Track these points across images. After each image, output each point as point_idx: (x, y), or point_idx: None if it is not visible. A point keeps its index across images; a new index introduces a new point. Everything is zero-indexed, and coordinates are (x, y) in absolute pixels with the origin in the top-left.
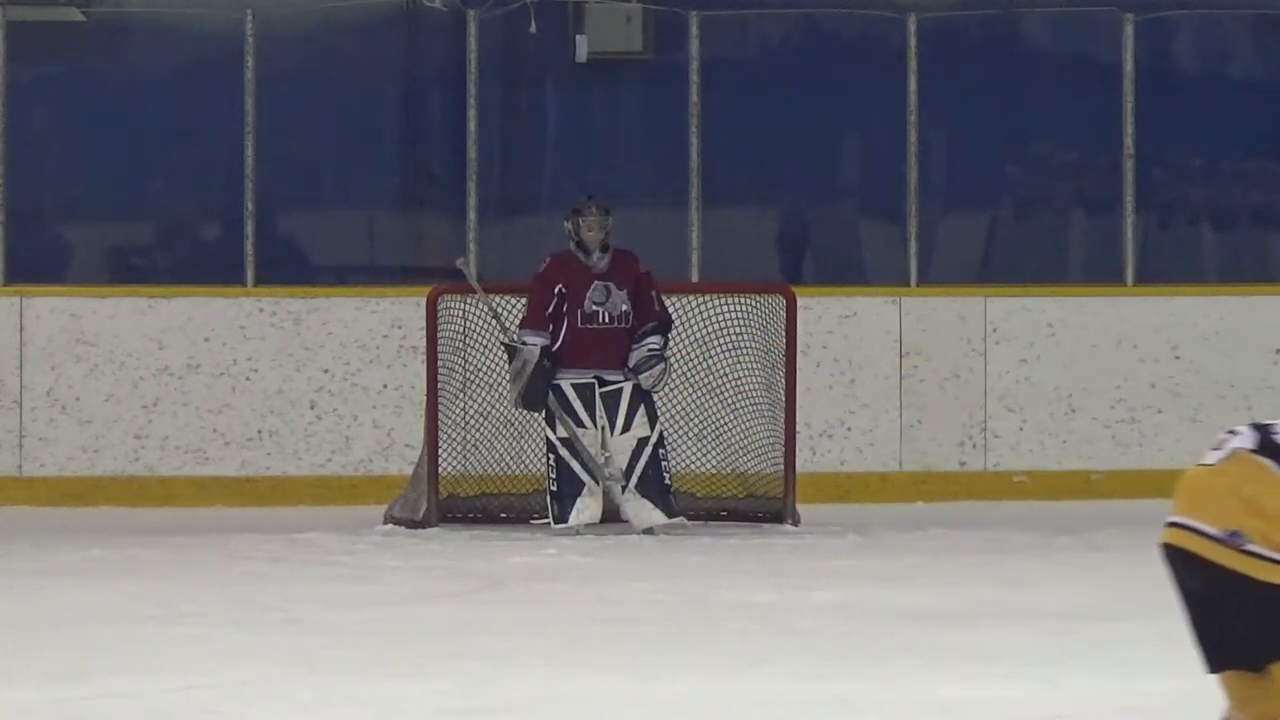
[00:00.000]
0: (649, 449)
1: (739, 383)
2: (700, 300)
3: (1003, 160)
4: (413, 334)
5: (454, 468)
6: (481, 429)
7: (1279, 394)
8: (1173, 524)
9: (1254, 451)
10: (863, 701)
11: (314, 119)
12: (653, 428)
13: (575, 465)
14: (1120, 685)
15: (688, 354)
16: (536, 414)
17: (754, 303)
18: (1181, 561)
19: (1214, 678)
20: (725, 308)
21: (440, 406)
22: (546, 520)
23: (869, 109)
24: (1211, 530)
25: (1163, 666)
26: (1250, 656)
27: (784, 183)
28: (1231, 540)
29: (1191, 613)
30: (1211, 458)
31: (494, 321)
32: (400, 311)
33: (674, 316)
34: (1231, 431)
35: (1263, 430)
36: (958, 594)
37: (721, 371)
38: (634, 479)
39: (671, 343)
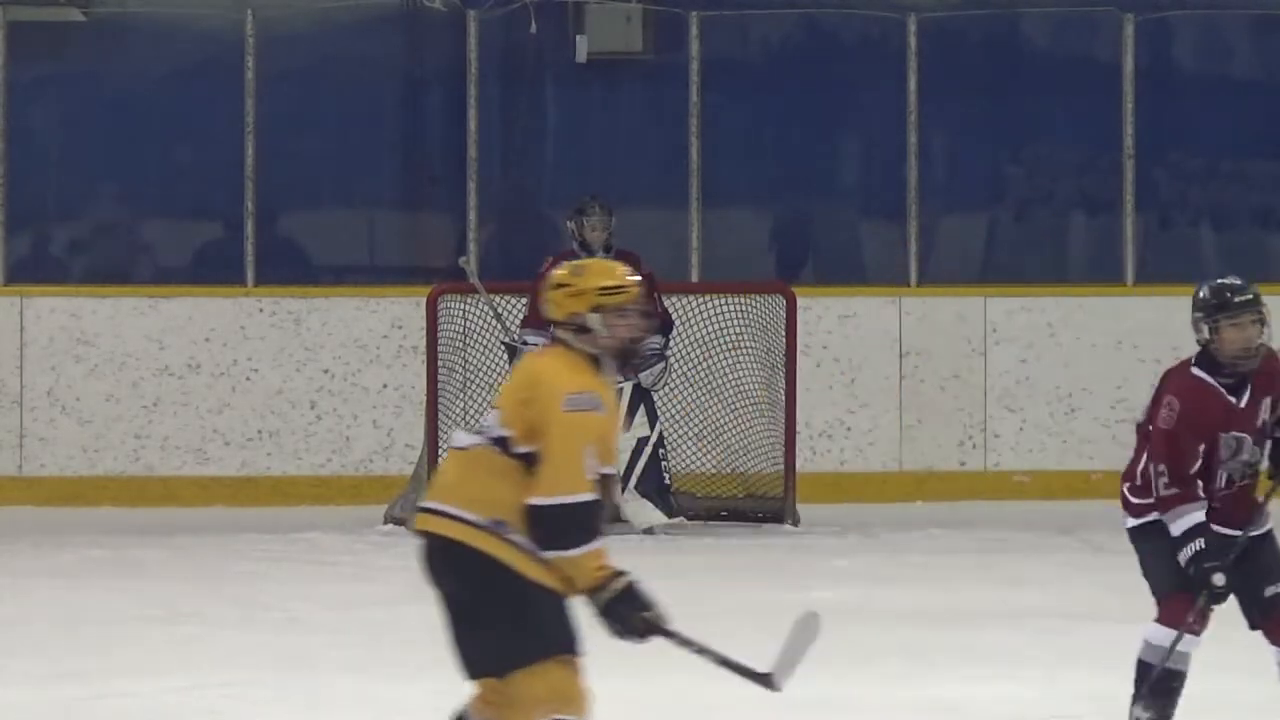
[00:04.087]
0: (649, 449)
1: (739, 383)
2: (700, 300)
3: (1003, 160)
4: (413, 334)
5: None
6: None
7: None
8: (429, 510)
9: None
10: (862, 701)
11: (314, 119)
12: (653, 427)
13: None
14: (1119, 685)
15: (688, 354)
16: None
17: (754, 303)
18: (449, 553)
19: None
20: (725, 308)
21: (440, 406)
22: None
23: (869, 109)
24: (475, 518)
25: None
26: (500, 661)
27: (784, 183)
28: (496, 529)
29: (453, 612)
30: (464, 440)
31: (495, 321)
32: (400, 311)
33: (674, 317)
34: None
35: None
36: (958, 594)
37: (721, 371)
38: (634, 479)
39: (671, 343)
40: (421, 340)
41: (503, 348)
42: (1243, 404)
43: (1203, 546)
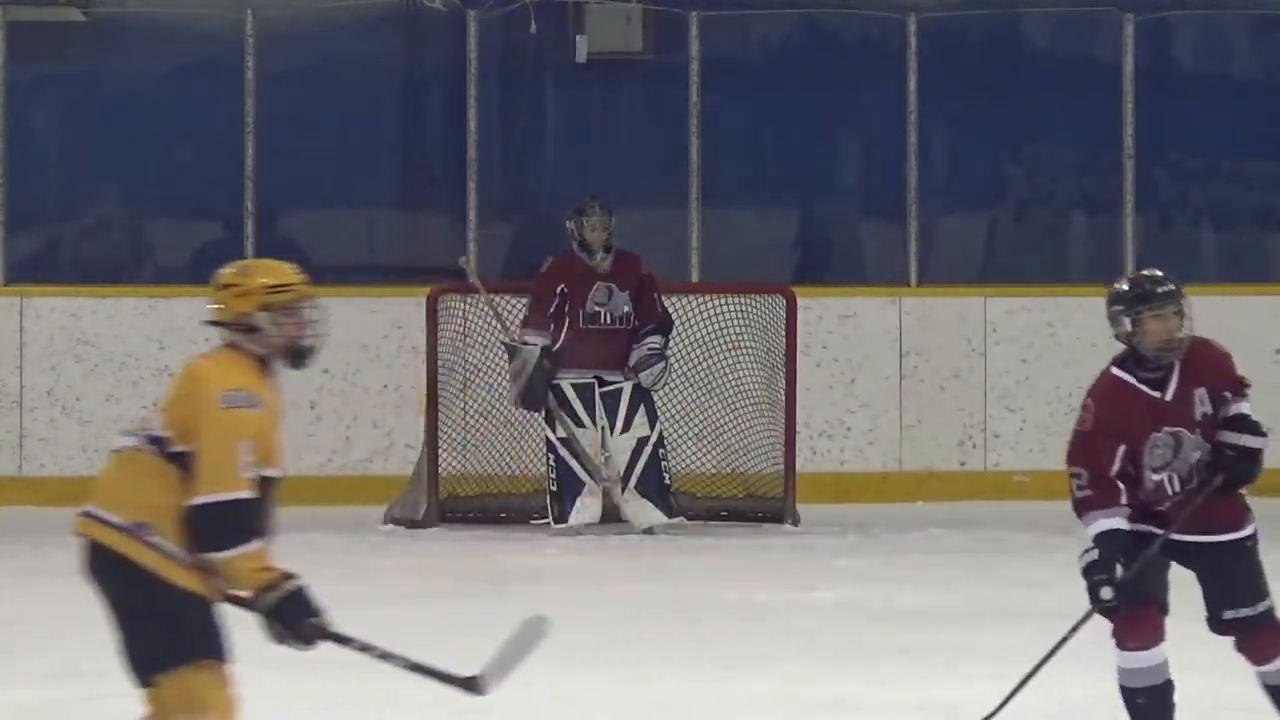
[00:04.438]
0: (649, 449)
1: (739, 383)
2: (700, 300)
3: (1003, 160)
4: (413, 334)
5: (454, 468)
6: (481, 429)
7: (1279, 394)
8: (83, 513)
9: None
10: (862, 701)
11: (314, 119)
12: (652, 428)
13: (575, 465)
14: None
15: (688, 354)
16: (536, 414)
17: (754, 303)
18: (97, 556)
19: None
20: (725, 308)
21: (440, 406)
22: (546, 520)
23: (869, 109)
24: (117, 520)
25: None
26: (144, 667)
27: (784, 183)
28: (136, 531)
29: (110, 617)
30: (121, 441)
31: (495, 320)
32: (400, 311)
33: (674, 317)
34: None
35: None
36: (958, 594)
37: (721, 371)
38: (634, 479)
39: (671, 343)
40: (421, 340)
41: (503, 348)
42: (1169, 396)
43: (1096, 558)
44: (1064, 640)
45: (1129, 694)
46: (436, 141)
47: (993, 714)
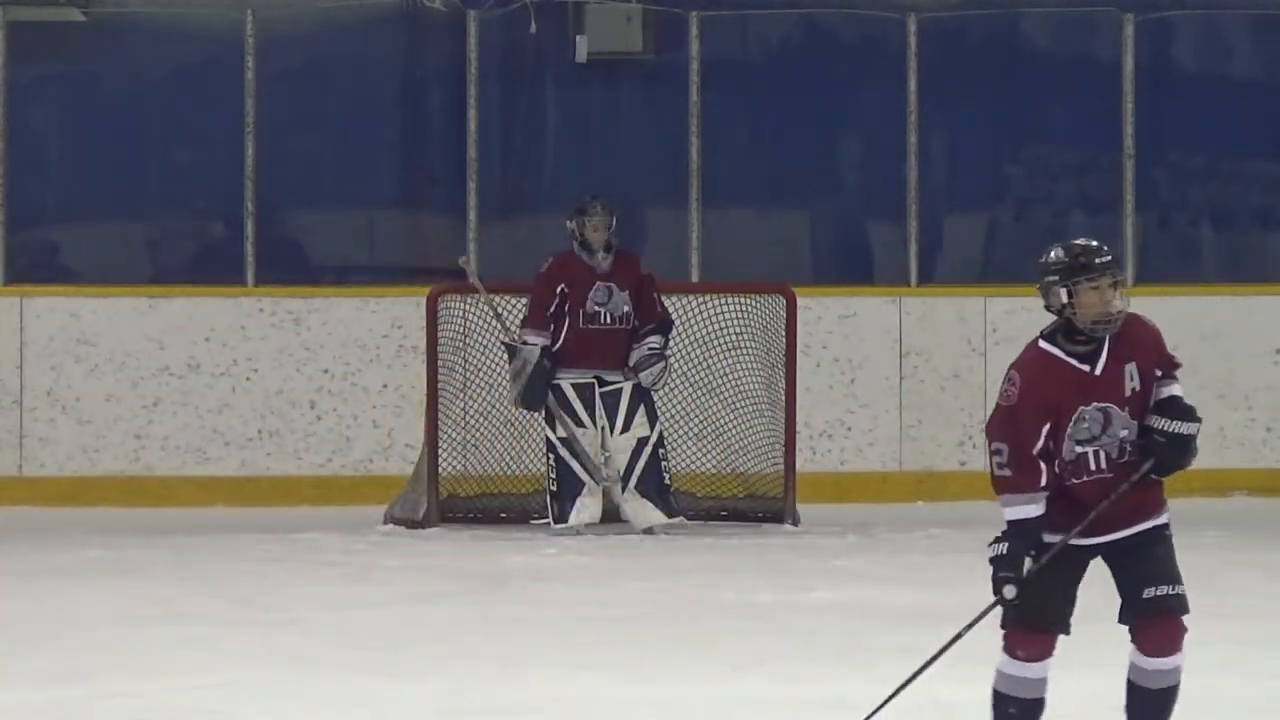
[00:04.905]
0: (649, 449)
1: (739, 383)
2: (700, 300)
3: (1003, 160)
4: (413, 334)
5: (454, 468)
6: (481, 429)
7: (1279, 394)
8: None
9: None
10: (862, 701)
11: (314, 119)
12: (652, 427)
13: (575, 465)
14: (1118, 684)
15: (688, 354)
16: (536, 414)
17: (754, 303)
18: None
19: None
20: (725, 308)
21: (440, 406)
22: (546, 520)
23: (869, 109)
24: None
25: None
26: None
27: (784, 183)
28: None
29: None
30: None
31: (495, 320)
32: (400, 311)
33: (674, 316)
34: None
35: None
36: (958, 594)
37: (721, 371)
38: (634, 479)
39: (671, 343)
40: (421, 340)
41: (502, 348)
42: (1099, 370)
43: (1005, 552)
44: (958, 636)
45: (1002, 700)
46: (436, 141)
47: (874, 712)
